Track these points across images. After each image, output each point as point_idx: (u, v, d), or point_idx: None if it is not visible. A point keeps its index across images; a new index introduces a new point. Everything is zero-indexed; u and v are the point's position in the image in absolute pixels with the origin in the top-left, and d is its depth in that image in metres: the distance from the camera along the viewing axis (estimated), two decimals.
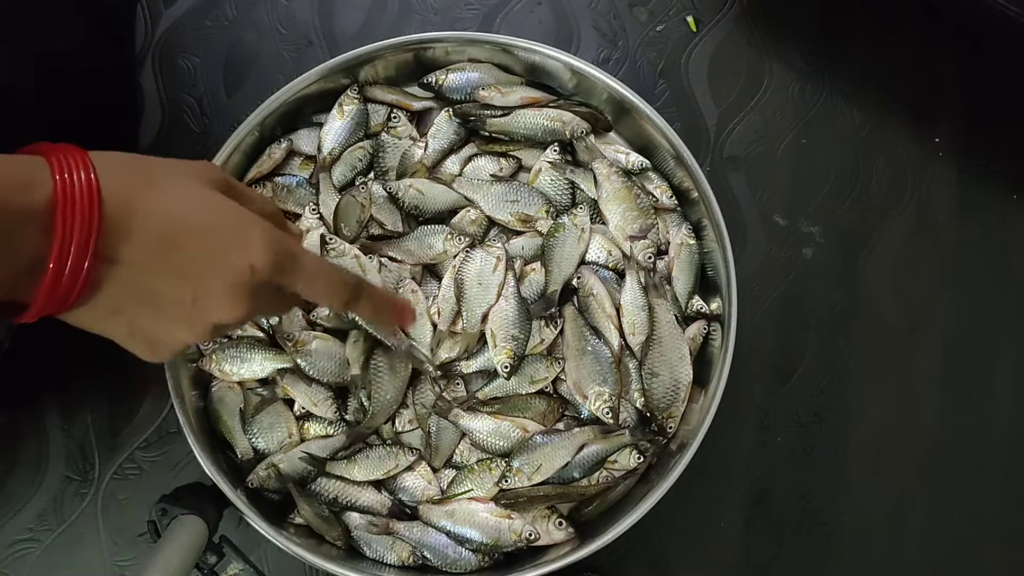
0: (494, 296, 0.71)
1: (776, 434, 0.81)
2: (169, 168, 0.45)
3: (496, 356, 0.70)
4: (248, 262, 0.44)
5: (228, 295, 0.44)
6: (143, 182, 0.42)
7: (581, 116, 0.78)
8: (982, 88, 0.89)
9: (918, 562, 0.80)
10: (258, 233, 0.45)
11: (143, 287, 0.42)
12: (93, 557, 0.77)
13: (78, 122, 0.76)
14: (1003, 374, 0.84)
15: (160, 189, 0.43)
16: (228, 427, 0.72)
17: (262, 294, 0.45)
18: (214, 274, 0.43)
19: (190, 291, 0.43)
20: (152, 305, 0.43)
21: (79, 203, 0.39)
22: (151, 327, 0.45)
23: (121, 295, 0.42)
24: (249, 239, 0.44)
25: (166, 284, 0.43)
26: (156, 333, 0.45)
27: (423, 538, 0.69)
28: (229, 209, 0.45)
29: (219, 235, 0.44)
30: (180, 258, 0.42)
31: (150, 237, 0.41)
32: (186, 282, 0.43)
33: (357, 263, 0.70)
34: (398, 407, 0.72)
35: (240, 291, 0.44)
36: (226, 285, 0.44)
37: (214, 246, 0.43)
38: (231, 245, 0.44)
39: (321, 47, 0.87)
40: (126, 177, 0.42)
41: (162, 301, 0.43)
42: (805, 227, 0.85)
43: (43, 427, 0.78)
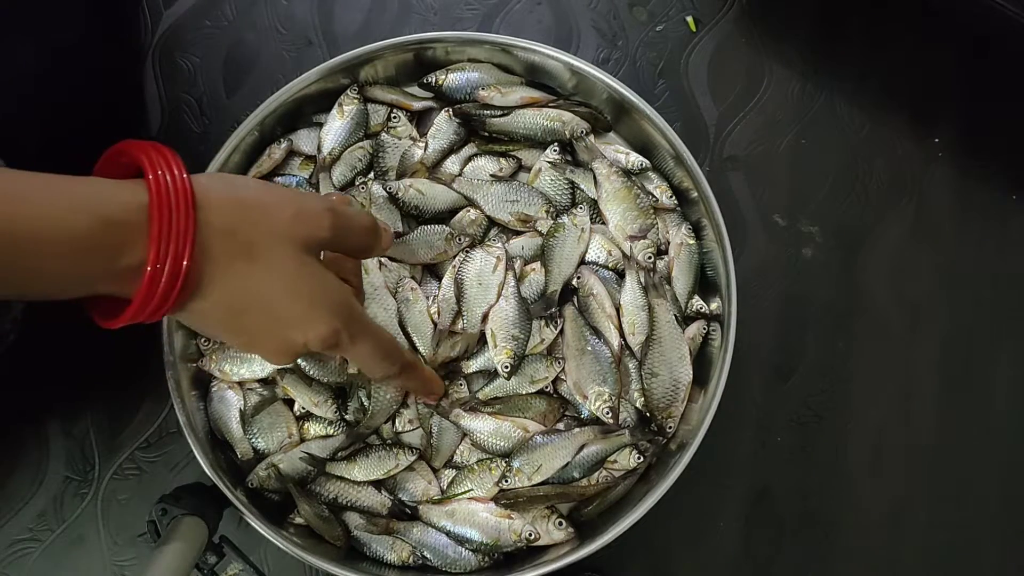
0: (494, 296, 0.71)
1: (776, 434, 0.81)
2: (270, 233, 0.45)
3: (496, 356, 0.70)
4: (304, 340, 0.47)
5: (274, 354, 0.49)
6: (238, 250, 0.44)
7: (581, 116, 0.78)
8: (982, 88, 0.89)
9: (918, 562, 0.80)
10: (329, 323, 0.47)
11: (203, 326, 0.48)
12: (93, 557, 0.77)
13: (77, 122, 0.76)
14: (1003, 374, 0.84)
15: (254, 263, 0.44)
16: (228, 427, 0.72)
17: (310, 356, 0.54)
18: (268, 340, 0.48)
19: (243, 341, 0.48)
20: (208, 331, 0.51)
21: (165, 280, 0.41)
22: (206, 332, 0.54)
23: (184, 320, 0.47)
24: (315, 322, 0.47)
25: (223, 334, 0.48)
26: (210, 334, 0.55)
27: (423, 538, 0.69)
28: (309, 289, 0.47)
29: (286, 317, 0.46)
30: (242, 322, 0.46)
31: (222, 303, 0.45)
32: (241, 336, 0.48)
33: None
34: (398, 407, 0.72)
35: (284, 355, 0.49)
36: (274, 349, 0.48)
37: (279, 324, 0.47)
38: (296, 325, 0.47)
39: (321, 47, 0.87)
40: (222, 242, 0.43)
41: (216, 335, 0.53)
42: (805, 227, 0.85)
43: (43, 427, 0.78)
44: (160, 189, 0.41)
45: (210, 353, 0.72)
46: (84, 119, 0.78)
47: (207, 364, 0.72)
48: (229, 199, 0.45)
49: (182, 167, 0.42)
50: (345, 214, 0.50)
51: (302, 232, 0.46)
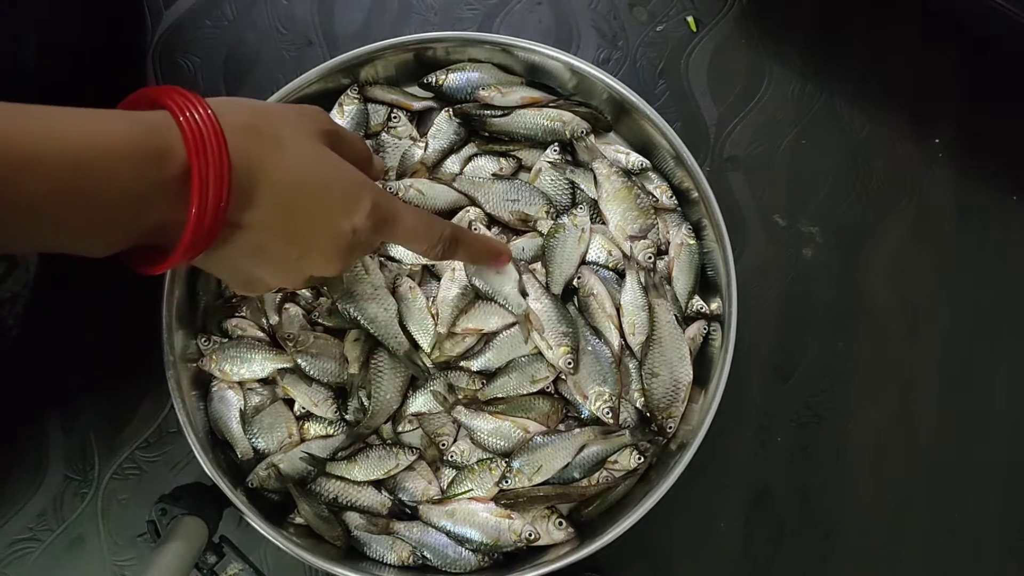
0: (515, 273, 0.72)
1: (776, 434, 0.81)
2: (288, 123, 0.48)
3: (557, 358, 0.69)
4: (352, 225, 0.48)
5: (329, 255, 0.49)
6: (266, 142, 0.45)
7: (581, 116, 0.78)
8: (982, 88, 0.89)
9: (918, 562, 0.80)
10: (366, 198, 0.49)
11: (257, 246, 0.46)
12: (93, 557, 0.77)
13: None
14: (1003, 374, 0.84)
15: (284, 151, 0.46)
16: (228, 427, 0.72)
17: (360, 249, 0.50)
18: (322, 237, 0.48)
19: (298, 251, 0.48)
20: (260, 259, 0.47)
21: (212, 180, 0.41)
22: (255, 273, 0.49)
23: (236, 251, 0.46)
24: (357, 204, 0.48)
25: (279, 245, 0.47)
26: (257, 277, 0.50)
27: (423, 538, 0.69)
28: (342, 171, 0.49)
29: (331, 200, 0.48)
30: (295, 224, 0.46)
31: (271, 203, 0.45)
32: (297, 244, 0.47)
33: (361, 263, 0.70)
34: (399, 407, 0.72)
35: (340, 252, 0.49)
36: (329, 247, 0.48)
37: (326, 211, 0.47)
38: (341, 210, 0.48)
39: (321, 47, 0.87)
40: (250, 136, 0.44)
41: (272, 257, 0.48)
42: (805, 227, 0.85)
43: (43, 427, 0.78)
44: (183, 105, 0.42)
45: (210, 353, 0.72)
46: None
47: (207, 364, 0.72)
48: (244, 106, 0.47)
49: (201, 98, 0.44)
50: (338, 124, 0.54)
51: (312, 125, 0.49)
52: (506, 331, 0.73)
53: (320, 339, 0.72)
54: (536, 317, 0.70)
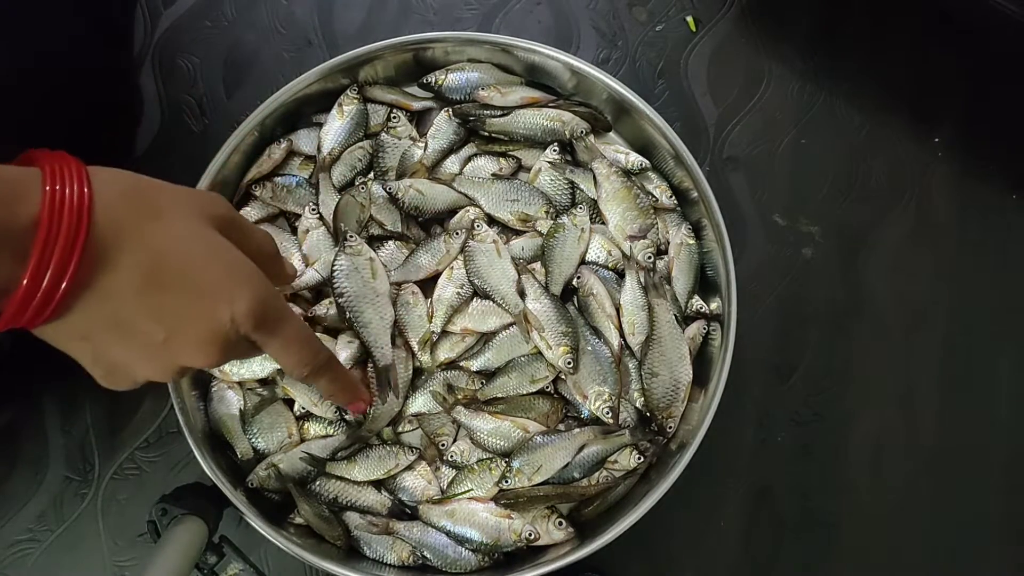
0: (513, 271, 0.71)
1: (776, 433, 0.81)
2: (174, 199, 0.43)
3: (557, 358, 0.69)
4: (230, 315, 0.43)
5: (200, 343, 0.43)
6: (143, 210, 0.41)
7: (581, 116, 0.78)
8: (982, 88, 0.89)
9: (918, 562, 0.80)
10: (248, 287, 0.44)
11: (117, 319, 0.41)
12: (93, 557, 0.77)
13: (77, 121, 0.76)
14: (1003, 374, 0.84)
15: (160, 222, 0.41)
16: (228, 427, 0.72)
17: (236, 346, 0.44)
18: (192, 321, 0.42)
19: (163, 332, 0.42)
20: (122, 337, 0.42)
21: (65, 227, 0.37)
22: (116, 357, 0.43)
23: (93, 323, 0.41)
24: (237, 292, 0.43)
25: (141, 320, 0.41)
26: (120, 363, 0.44)
27: (423, 538, 0.69)
28: (224, 255, 0.44)
29: (207, 281, 0.42)
30: (161, 298, 0.41)
31: (136, 270, 0.40)
32: (161, 322, 0.42)
33: (370, 266, 0.70)
34: (400, 409, 0.72)
35: (213, 342, 0.43)
36: (201, 333, 0.43)
37: (199, 292, 0.42)
38: (216, 294, 0.42)
39: (321, 47, 0.87)
40: (125, 202, 0.40)
41: (133, 336, 0.42)
42: (805, 227, 0.85)
43: (43, 427, 0.78)
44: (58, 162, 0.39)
45: None
46: (83, 120, 0.78)
47: None
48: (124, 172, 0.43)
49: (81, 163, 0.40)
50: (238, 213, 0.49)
51: (202, 205, 0.45)
52: (505, 331, 0.73)
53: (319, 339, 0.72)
54: (535, 317, 0.70)
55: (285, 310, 0.47)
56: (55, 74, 0.65)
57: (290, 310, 0.49)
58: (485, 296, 0.72)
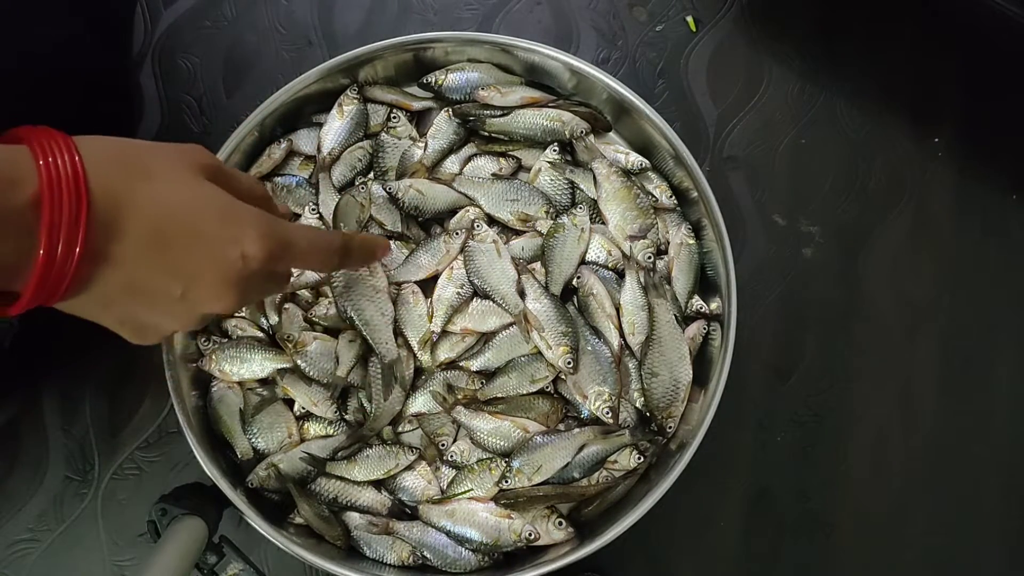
0: (513, 271, 0.72)
1: (776, 434, 0.81)
2: (161, 156, 0.44)
3: (557, 357, 0.69)
4: (239, 252, 0.44)
5: (218, 287, 0.44)
6: (134, 173, 0.42)
7: (581, 116, 0.78)
8: (982, 88, 0.89)
9: (918, 562, 0.80)
10: (250, 224, 0.45)
11: (133, 283, 0.42)
12: (93, 557, 0.77)
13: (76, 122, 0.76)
14: (1003, 374, 0.84)
15: (151, 181, 0.42)
16: (228, 427, 0.72)
17: (253, 282, 0.46)
18: (205, 268, 0.43)
19: (180, 286, 0.43)
20: (142, 298, 0.43)
21: (66, 202, 0.38)
22: (140, 317, 0.45)
23: (110, 290, 0.42)
24: (240, 231, 0.44)
25: (156, 280, 0.43)
26: (145, 322, 0.45)
27: (423, 538, 0.69)
28: (220, 200, 0.45)
29: (210, 229, 0.43)
30: (171, 254, 0.42)
31: (141, 233, 0.41)
32: (176, 277, 0.43)
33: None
34: (400, 408, 0.72)
35: (230, 283, 0.44)
36: (216, 278, 0.44)
37: (205, 240, 0.43)
38: (223, 238, 0.44)
39: (321, 47, 0.87)
40: (115, 168, 0.41)
41: (152, 295, 0.43)
42: (805, 227, 0.85)
43: (43, 427, 0.78)
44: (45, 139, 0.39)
45: (210, 353, 0.72)
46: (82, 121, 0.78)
47: (207, 364, 0.72)
48: (111, 139, 0.43)
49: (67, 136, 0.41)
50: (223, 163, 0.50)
51: (189, 158, 0.45)
52: (505, 331, 0.73)
53: (319, 339, 0.72)
54: (535, 317, 0.70)
55: (287, 230, 0.48)
56: (54, 74, 0.65)
57: (291, 226, 0.50)
58: (485, 296, 0.72)
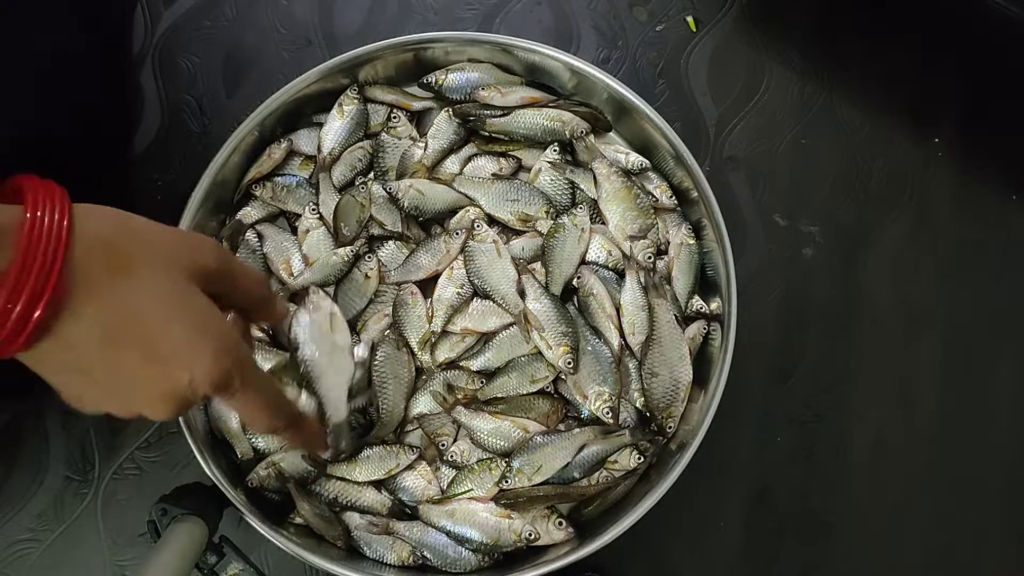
0: (513, 271, 0.71)
1: (776, 434, 0.81)
2: (154, 251, 0.42)
3: (557, 358, 0.69)
4: (188, 379, 0.42)
5: (155, 401, 0.43)
6: (117, 265, 0.40)
7: (581, 116, 0.78)
8: (982, 88, 0.89)
9: (918, 562, 0.80)
10: (209, 353, 0.42)
11: (78, 366, 0.41)
12: (93, 557, 0.77)
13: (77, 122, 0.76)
14: (1003, 374, 0.84)
15: (131, 278, 0.41)
16: (228, 427, 0.72)
17: (191, 404, 0.44)
18: (149, 380, 0.42)
19: (122, 385, 0.42)
20: (84, 380, 0.42)
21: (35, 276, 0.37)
22: (78, 391, 0.44)
23: (56, 363, 0.41)
24: (197, 358, 0.42)
25: (99, 372, 0.42)
26: (81, 396, 0.44)
27: (423, 538, 0.69)
28: (193, 317, 0.43)
29: (168, 347, 0.42)
30: (121, 356, 0.41)
31: (98, 327, 0.40)
32: (120, 376, 0.42)
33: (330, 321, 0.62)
34: (404, 410, 0.72)
35: (170, 401, 0.43)
36: (156, 392, 0.43)
37: (157, 356, 0.42)
38: (177, 359, 0.42)
39: (321, 47, 0.87)
40: (100, 254, 0.40)
41: (94, 382, 0.42)
42: (805, 227, 0.85)
43: (43, 427, 0.78)
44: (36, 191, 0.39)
45: None
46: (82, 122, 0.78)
47: None
48: (112, 214, 0.42)
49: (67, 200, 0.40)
50: (234, 256, 0.48)
51: (186, 257, 0.44)
52: (505, 331, 0.73)
53: None
54: (535, 317, 0.70)
55: (250, 375, 0.46)
56: (55, 74, 0.65)
57: (256, 373, 0.47)
58: (485, 296, 0.72)
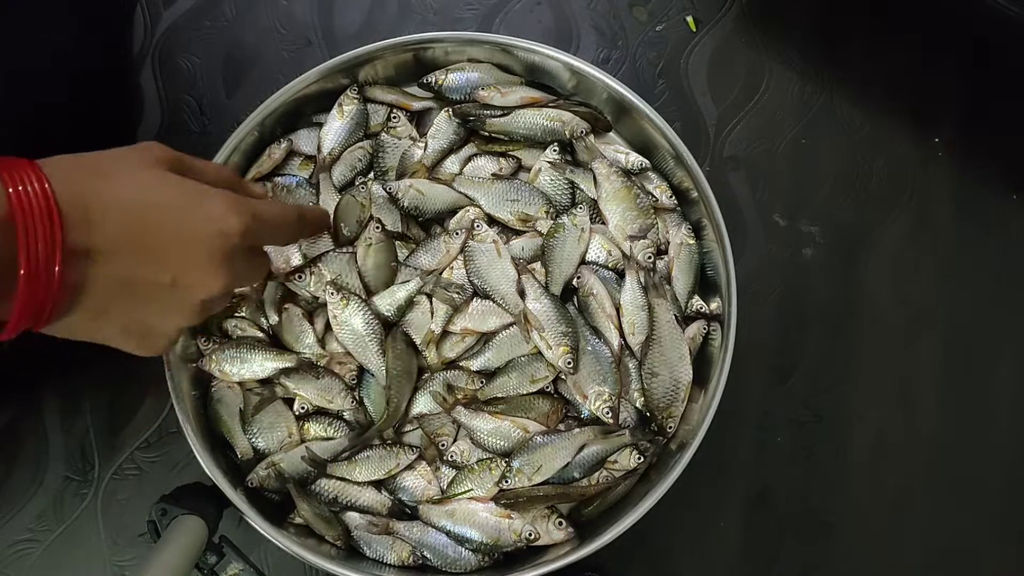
0: (513, 271, 0.72)
1: (776, 434, 0.81)
2: (116, 157, 0.45)
3: (557, 357, 0.69)
4: (217, 229, 0.45)
5: (206, 266, 0.45)
6: (94, 175, 0.42)
7: (581, 116, 0.78)
8: (982, 88, 0.89)
9: (918, 562, 0.80)
10: (219, 203, 0.46)
11: (121, 277, 0.42)
12: (93, 557, 0.77)
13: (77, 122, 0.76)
14: (1003, 374, 0.84)
15: (110, 178, 0.43)
16: (228, 427, 0.72)
17: (238, 259, 0.46)
18: (188, 250, 0.44)
19: (169, 273, 0.44)
20: (136, 295, 0.43)
21: (36, 210, 0.38)
22: (141, 318, 0.45)
23: (102, 292, 0.42)
24: (212, 210, 0.45)
25: (143, 270, 0.43)
26: (147, 324, 0.46)
27: (423, 538, 0.69)
28: (185, 186, 0.46)
29: (182, 213, 0.44)
30: (150, 242, 0.43)
31: (115, 227, 0.42)
32: (162, 264, 0.43)
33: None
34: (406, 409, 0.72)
35: (216, 259, 0.45)
36: (202, 258, 0.44)
37: (180, 224, 0.44)
38: (197, 219, 0.44)
39: (321, 47, 0.87)
40: (76, 174, 0.42)
41: (144, 288, 0.43)
42: (805, 227, 0.85)
43: (43, 427, 0.78)
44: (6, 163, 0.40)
45: (210, 353, 0.71)
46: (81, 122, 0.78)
47: (207, 364, 0.72)
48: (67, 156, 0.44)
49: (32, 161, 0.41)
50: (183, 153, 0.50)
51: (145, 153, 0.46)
52: (505, 331, 0.73)
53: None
54: (535, 317, 0.70)
55: (256, 205, 0.49)
56: (55, 74, 0.65)
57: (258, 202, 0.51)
58: (485, 296, 0.72)
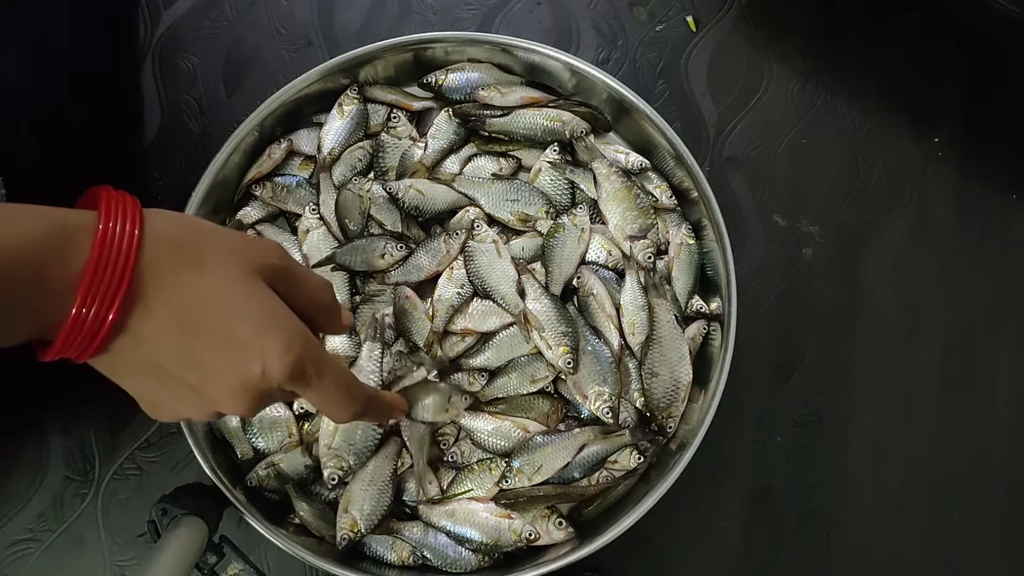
0: (513, 271, 0.72)
1: (776, 434, 0.81)
2: (221, 248, 0.43)
3: (557, 357, 0.69)
4: (261, 367, 0.42)
5: (231, 393, 0.43)
6: (187, 259, 0.41)
7: (581, 116, 0.78)
8: (982, 88, 0.89)
9: (918, 562, 0.80)
10: (281, 341, 0.43)
11: (153, 363, 0.42)
12: (93, 557, 0.77)
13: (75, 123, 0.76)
14: (1003, 374, 0.84)
15: (201, 272, 0.42)
16: (228, 427, 0.72)
17: (267, 396, 0.44)
18: (224, 371, 0.42)
19: (196, 378, 0.43)
20: (157, 377, 0.43)
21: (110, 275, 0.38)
22: (155, 396, 0.45)
23: (131, 364, 0.42)
24: (270, 345, 0.42)
25: (174, 366, 0.42)
26: (159, 401, 0.45)
27: (423, 538, 0.69)
28: (264, 307, 0.43)
29: (240, 335, 0.42)
30: (194, 347, 0.42)
31: (171, 319, 0.41)
32: (194, 370, 0.42)
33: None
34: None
35: (245, 394, 0.43)
36: (232, 385, 0.43)
37: (231, 345, 0.42)
38: (249, 348, 0.42)
39: (321, 47, 0.87)
40: (170, 250, 0.41)
41: (167, 379, 0.43)
42: (805, 227, 0.85)
43: (43, 427, 0.78)
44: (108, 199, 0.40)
45: None
46: (81, 122, 0.78)
47: None
48: (180, 217, 0.44)
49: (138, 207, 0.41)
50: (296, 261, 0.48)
51: (252, 254, 0.44)
52: (505, 331, 0.73)
53: None
54: (535, 317, 0.70)
55: (323, 362, 0.46)
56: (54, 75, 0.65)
57: (330, 361, 0.47)
58: (485, 296, 0.72)
